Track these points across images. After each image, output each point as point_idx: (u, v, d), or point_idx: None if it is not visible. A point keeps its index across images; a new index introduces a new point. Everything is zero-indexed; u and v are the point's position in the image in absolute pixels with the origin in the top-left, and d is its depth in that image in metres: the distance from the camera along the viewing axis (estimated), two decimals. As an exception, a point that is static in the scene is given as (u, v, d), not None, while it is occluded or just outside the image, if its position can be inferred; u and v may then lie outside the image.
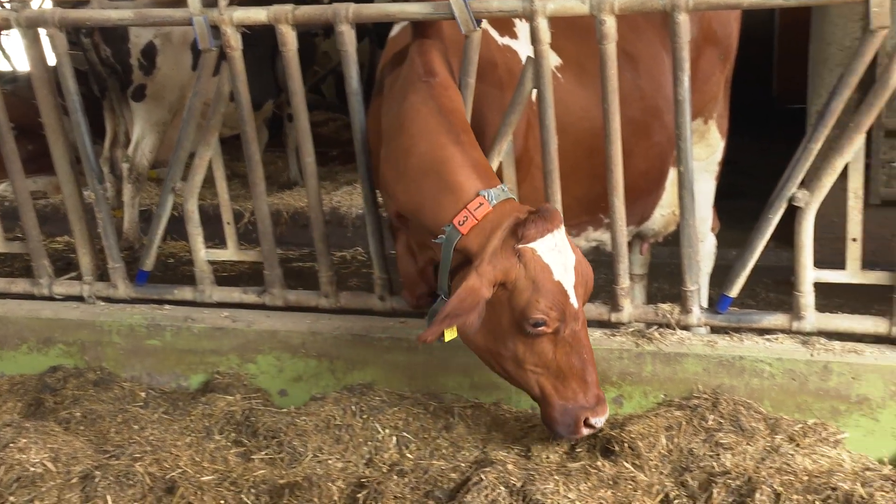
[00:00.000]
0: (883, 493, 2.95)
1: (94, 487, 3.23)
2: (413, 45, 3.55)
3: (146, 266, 4.49)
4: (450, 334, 3.15)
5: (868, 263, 3.73)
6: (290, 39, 3.87)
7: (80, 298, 4.61)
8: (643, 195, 4.36)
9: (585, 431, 3.30)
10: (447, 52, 3.59)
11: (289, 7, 3.81)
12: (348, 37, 3.79)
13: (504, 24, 3.87)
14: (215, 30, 3.92)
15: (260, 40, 6.92)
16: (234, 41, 3.93)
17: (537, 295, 3.09)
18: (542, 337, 3.17)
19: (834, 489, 2.99)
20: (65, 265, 6.42)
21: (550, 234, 3.10)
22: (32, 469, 3.31)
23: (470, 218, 3.13)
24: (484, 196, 3.14)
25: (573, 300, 3.17)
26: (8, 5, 4.22)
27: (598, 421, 3.28)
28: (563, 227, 3.16)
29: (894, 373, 3.52)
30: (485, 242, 3.10)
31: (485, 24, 3.80)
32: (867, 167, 4.33)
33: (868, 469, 3.30)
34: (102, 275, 4.60)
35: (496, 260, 3.08)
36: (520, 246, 3.07)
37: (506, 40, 3.86)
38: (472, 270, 3.07)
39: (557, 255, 3.12)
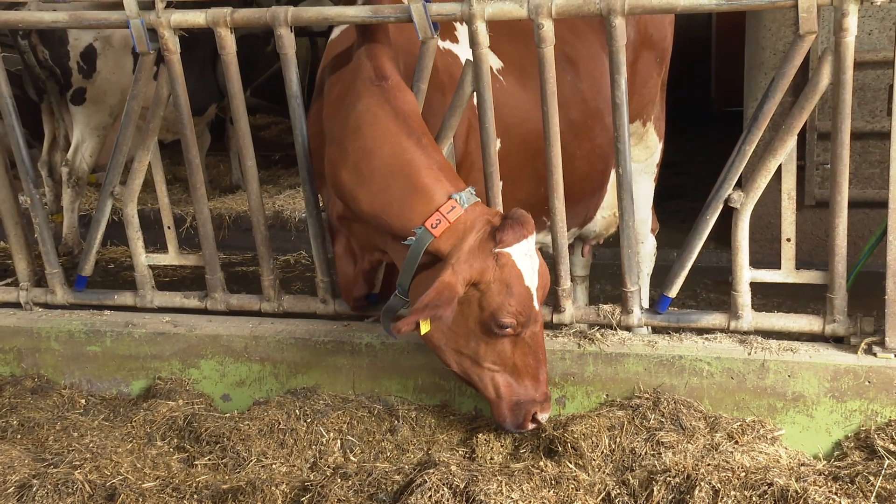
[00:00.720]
0: (816, 488, 3.01)
1: (32, 496, 3.17)
2: (361, 49, 3.55)
3: (85, 271, 4.43)
4: (425, 326, 3.21)
5: (804, 263, 3.81)
6: (228, 43, 3.84)
7: (16, 305, 4.53)
8: (586, 196, 4.41)
9: (531, 426, 3.43)
10: (395, 55, 3.60)
11: (227, 10, 3.78)
12: (287, 40, 3.77)
13: (445, 28, 3.89)
14: (153, 33, 3.88)
15: (202, 43, 6.88)
16: (172, 44, 3.89)
17: (510, 299, 3.19)
18: (505, 337, 3.28)
19: (770, 485, 3.04)
20: (1, 272, 6.32)
21: (525, 240, 3.19)
22: (-33, 479, 3.26)
23: (443, 221, 3.19)
24: (455, 199, 3.21)
25: (536, 303, 3.28)
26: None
27: (544, 416, 3.44)
28: (534, 233, 3.24)
29: (828, 370, 3.59)
30: (458, 244, 3.17)
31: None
32: (802, 169, 4.43)
33: (803, 465, 3.37)
34: (40, 281, 4.53)
35: (472, 260, 3.15)
36: (497, 249, 3.15)
37: (447, 44, 3.88)
38: (447, 267, 3.13)
39: (529, 260, 3.22)
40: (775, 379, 3.65)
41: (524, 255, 3.20)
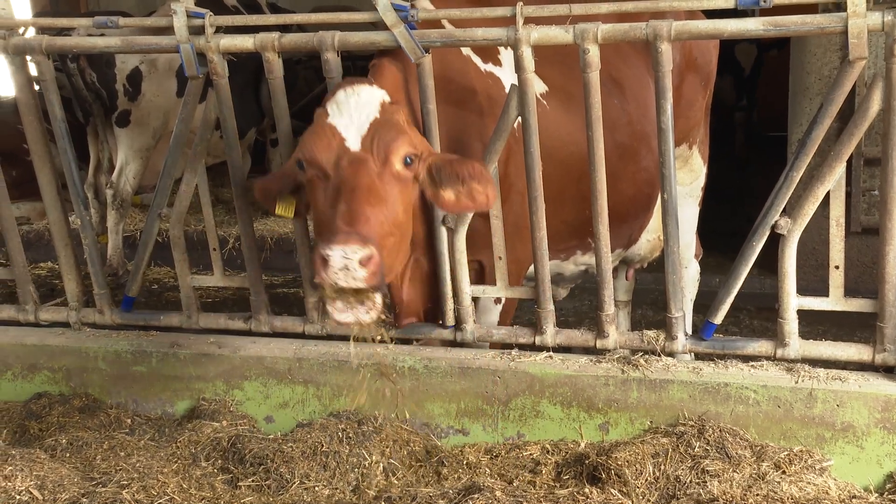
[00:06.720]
0: (868, 520, 2.97)
1: (81, 515, 3.22)
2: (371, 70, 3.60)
3: (132, 292, 4.48)
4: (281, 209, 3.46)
5: (850, 290, 3.75)
6: (276, 67, 3.88)
7: (65, 324, 4.59)
8: (631, 218, 4.39)
9: (324, 275, 2.94)
10: (406, 79, 3.65)
11: (275, 34, 3.83)
12: (334, 64, 3.81)
13: (488, 51, 3.91)
14: (202, 57, 3.94)
15: (242, 68, 6.96)
16: (221, 68, 3.94)
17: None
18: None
19: (820, 516, 3.01)
20: (48, 291, 6.40)
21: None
22: (18, 497, 3.29)
23: None
24: None
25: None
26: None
27: (330, 252, 2.91)
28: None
29: (878, 400, 3.54)
30: None
31: (467, 50, 3.84)
32: (848, 196, 4.38)
33: (854, 497, 3.32)
34: (88, 301, 4.59)
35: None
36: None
37: (489, 67, 3.89)
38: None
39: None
40: (823, 408, 3.60)
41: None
